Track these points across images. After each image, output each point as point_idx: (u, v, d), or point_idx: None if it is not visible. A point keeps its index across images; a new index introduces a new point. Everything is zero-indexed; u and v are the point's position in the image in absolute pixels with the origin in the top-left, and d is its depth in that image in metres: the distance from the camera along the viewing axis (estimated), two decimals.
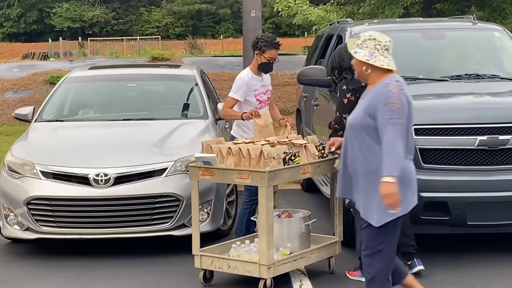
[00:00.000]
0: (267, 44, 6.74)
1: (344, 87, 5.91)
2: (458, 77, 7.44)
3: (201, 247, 5.95)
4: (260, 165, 5.59)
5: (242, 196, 7.01)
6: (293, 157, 5.73)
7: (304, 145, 5.96)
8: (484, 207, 6.24)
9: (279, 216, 6.16)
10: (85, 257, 6.83)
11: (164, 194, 6.72)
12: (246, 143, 5.91)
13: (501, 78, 7.54)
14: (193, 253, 5.97)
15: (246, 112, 6.65)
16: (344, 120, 5.76)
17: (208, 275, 6.00)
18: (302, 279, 6.01)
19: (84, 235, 6.73)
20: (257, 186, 5.62)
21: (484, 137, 6.22)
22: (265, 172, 5.47)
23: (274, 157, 5.60)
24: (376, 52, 4.51)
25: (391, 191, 4.32)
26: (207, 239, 6.80)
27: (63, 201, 6.70)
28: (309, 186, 9.16)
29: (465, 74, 7.51)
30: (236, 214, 7.58)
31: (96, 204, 6.68)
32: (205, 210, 6.89)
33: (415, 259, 6.03)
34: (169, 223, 6.75)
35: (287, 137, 6.18)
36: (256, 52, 6.78)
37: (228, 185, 7.30)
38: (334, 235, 6.31)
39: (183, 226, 6.80)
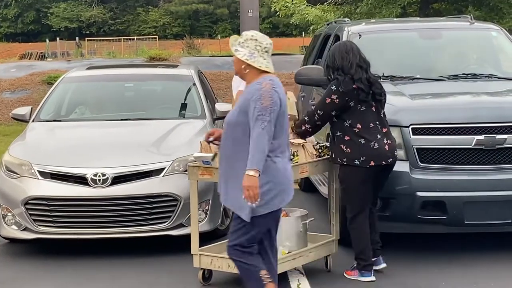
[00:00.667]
0: None
1: (333, 87, 5.86)
2: (455, 77, 7.46)
3: (199, 246, 5.95)
4: None
5: None
6: (292, 157, 5.75)
7: (302, 144, 5.98)
8: (481, 207, 6.26)
9: None
10: (84, 257, 6.83)
11: (162, 194, 6.73)
12: None
13: (498, 78, 7.56)
14: (192, 253, 5.98)
15: None
16: (315, 116, 5.90)
17: (207, 275, 6.01)
18: (300, 278, 6.02)
19: (82, 235, 6.74)
20: None
21: (481, 137, 6.24)
22: None
23: None
24: (256, 53, 4.62)
25: (252, 184, 4.53)
26: (205, 238, 6.81)
27: (61, 201, 6.70)
28: (307, 186, 9.17)
29: (462, 74, 7.53)
30: (233, 214, 7.59)
31: (94, 204, 6.68)
32: (202, 209, 6.89)
33: (380, 256, 6.08)
34: (167, 223, 6.76)
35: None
36: None
37: None
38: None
39: (181, 226, 6.81)
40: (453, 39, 8.29)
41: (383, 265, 6.08)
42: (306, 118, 6.06)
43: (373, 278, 5.92)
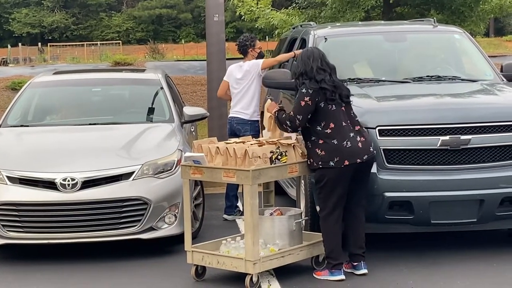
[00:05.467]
0: (253, 39, 8.43)
1: (304, 90, 6.00)
2: (420, 79, 7.57)
3: (169, 250, 5.99)
4: (245, 164, 5.73)
5: (208, 199, 7.06)
6: (279, 156, 5.84)
7: (292, 144, 6.06)
8: (446, 206, 6.36)
9: (271, 214, 6.28)
10: (53, 262, 6.81)
11: (132, 197, 6.74)
12: (236, 142, 6.08)
13: (462, 80, 7.69)
14: (185, 249, 6.13)
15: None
16: (297, 121, 5.95)
17: (200, 271, 6.15)
18: (270, 279, 6.07)
19: (52, 240, 6.72)
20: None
21: (446, 137, 6.35)
22: (249, 171, 5.60)
23: (259, 156, 5.75)
24: None
25: None
26: (175, 241, 6.87)
27: (30, 206, 6.69)
28: (275, 188, 9.19)
29: (427, 76, 7.63)
30: (203, 217, 7.64)
31: (64, 209, 6.67)
32: (172, 213, 6.92)
33: (362, 262, 6.11)
34: (136, 227, 6.77)
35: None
36: (250, 49, 8.35)
37: (195, 188, 7.34)
38: None
39: (151, 229, 6.83)
40: (417, 42, 8.40)
41: (364, 270, 6.10)
42: (288, 123, 6.04)
43: (342, 276, 6.00)
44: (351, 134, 5.95)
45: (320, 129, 5.94)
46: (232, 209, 8.34)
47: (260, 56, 8.47)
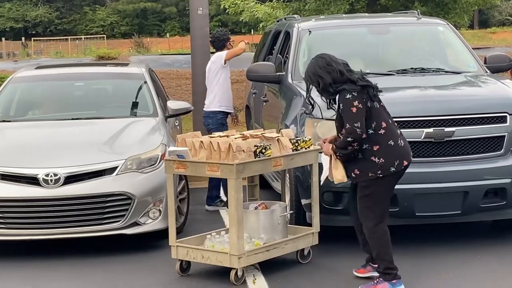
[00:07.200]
0: (228, 34, 8.83)
1: (348, 96, 5.32)
2: (404, 71, 7.57)
3: (153, 245, 5.97)
4: (229, 158, 5.71)
5: (193, 194, 7.03)
6: (264, 150, 5.82)
7: (276, 138, 6.04)
8: (431, 198, 6.37)
9: (256, 208, 6.27)
10: (37, 259, 6.76)
11: (115, 192, 6.70)
12: (220, 136, 6.05)
13: (445, 72, 7.70)
14: (169, 244, 6.09)
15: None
16: (357, 130, 5.27)
17: (185, 266, 6.12)
18: (255, 273, 6.06)
19: (35, 236, 6.67)
20: None
21: (430, 130, 6.35)
22: (233, 165, 5.59)
23: (244, 150, 5.73)
24: None
25: None
26: (160, 236, 6.84)
27: (12, 202, 6.63)
28: (260, 182, 9.18)
29: (411, 68, 7.63)
30: (188, 212, 7.61)
31: (47, 205, 6.62)
32: (157, 207, 6.89)
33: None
34: (120, 222, 6.73)
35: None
36: (228, 43, 8.66)
37: (179, 182, 7.30)
38: None
39: (135, 224, 6.79)
40: (401, 34, 8.40)
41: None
42: (349, 137, 5.30)
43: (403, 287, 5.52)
44: (399, 131, 5.51)
45: (373, 132, 5.36)
46: (212, 200, 8.36)
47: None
